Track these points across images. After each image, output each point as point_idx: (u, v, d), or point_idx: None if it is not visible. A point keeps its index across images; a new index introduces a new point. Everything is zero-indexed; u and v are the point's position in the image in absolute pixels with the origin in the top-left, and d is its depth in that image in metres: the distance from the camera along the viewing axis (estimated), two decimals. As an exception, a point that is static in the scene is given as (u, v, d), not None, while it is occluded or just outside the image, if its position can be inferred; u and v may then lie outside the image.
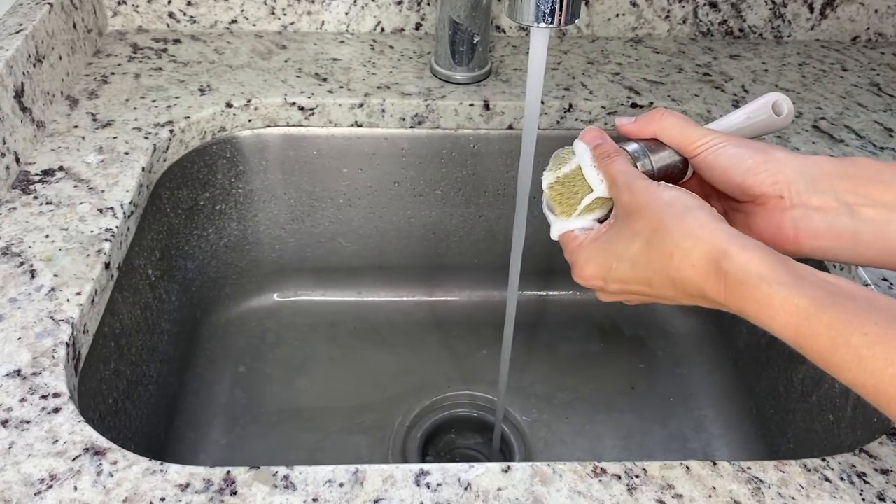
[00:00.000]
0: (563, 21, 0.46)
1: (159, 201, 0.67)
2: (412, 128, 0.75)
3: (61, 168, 0.61)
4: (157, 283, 0.66)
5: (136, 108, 0.69)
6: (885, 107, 0.77)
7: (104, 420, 0.53)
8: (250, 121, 0.72)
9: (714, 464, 0.43)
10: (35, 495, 0.39)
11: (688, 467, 0.43)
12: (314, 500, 0.40)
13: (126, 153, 0.63)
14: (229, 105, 0.71)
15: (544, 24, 0.46)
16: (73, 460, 0.41)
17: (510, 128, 0.75)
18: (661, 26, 0.87)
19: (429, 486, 0.41)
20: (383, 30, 0.84)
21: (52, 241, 0.54)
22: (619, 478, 0.42)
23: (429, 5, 0.83)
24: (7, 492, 0.39)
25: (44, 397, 0.44)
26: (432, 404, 0.75)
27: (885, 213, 0.40)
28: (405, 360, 0.79)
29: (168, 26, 0.82)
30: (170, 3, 0.80)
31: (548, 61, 0.80)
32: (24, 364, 0.45)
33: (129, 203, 0.58)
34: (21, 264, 0.52)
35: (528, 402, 0.75)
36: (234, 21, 0.82)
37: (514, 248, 0.56)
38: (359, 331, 0.82)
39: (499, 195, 0.79)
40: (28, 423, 0.42)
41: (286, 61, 0.78)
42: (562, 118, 0.75)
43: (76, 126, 0.66)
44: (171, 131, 0.67)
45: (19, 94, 0.60)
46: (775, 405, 0.67)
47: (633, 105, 0.75)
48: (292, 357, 0.78)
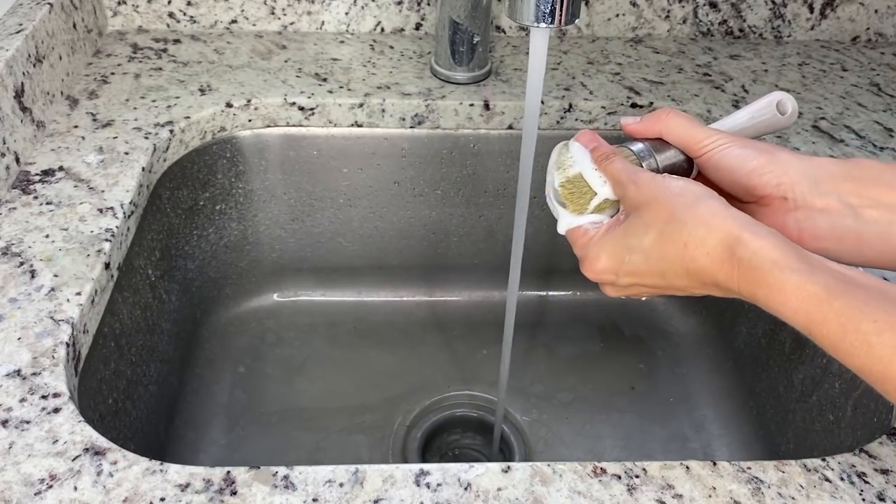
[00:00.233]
0: (563, 21, 0.46)
1: (159, 201, 0.67)
2: (412, 128, 0.75)
3: (61, 168, 0.61)
4: (157, 283, 0.66)
5: (136, 108, 0.69)
6: (885, 107, 0.77)
7: (104, 420, 0.53)
8: (250, 121, 0.72)
9: (714, 464, 0.43)
10: (35, 495, 0.39)
11: (688, 467, 0.43)
12: (314, 500, 0.40)
13: (126, 153, 0.63)
14: (229, 105, 0.71)
15: (544, 24, 0.46)
16: (73, 460, 0.41)
17: (510, 128, 0.75)
18: (661, 26, 0.87)
19: (429, 486, 0.41)
20: (383, 30, 0.84)
21: (52, 241, 0.54)
22: (619, 478, 0.42)
23: (429, 5, 0.83)
24: (7, 492, 0.39)
25: (44, 397, 0.44)
26: (432, 404, 0.75)
27: (888, 214, 0.40)
28: (405, 360, 0.79)
29: (168, 26, 0.82)
30: (170, 3, 0.80)
31: (548, 61, 0.80)
32: (24, 364, 0.45)
33: (129, 203, 0.58)
34: (21, 264, 0.52)
35: (528, 402, 0.75)
36: (234, 21, 0.82)
37: (514, 248, 0.56)
38: (359, 331, 0.82)
39: (499, 195, 0.79)
40: (28, 423, 0.42)
41: (286, 61, 0.78)
42: (562, 118, 0.75)
43: (76, 126, 0.66)
44: (171, 131, 0.67)
45: (19, 94, 0.60)
46: (775, 405, 0.67)
47: (633, 105, 0.75)
48: (292, 357, 0.78)
